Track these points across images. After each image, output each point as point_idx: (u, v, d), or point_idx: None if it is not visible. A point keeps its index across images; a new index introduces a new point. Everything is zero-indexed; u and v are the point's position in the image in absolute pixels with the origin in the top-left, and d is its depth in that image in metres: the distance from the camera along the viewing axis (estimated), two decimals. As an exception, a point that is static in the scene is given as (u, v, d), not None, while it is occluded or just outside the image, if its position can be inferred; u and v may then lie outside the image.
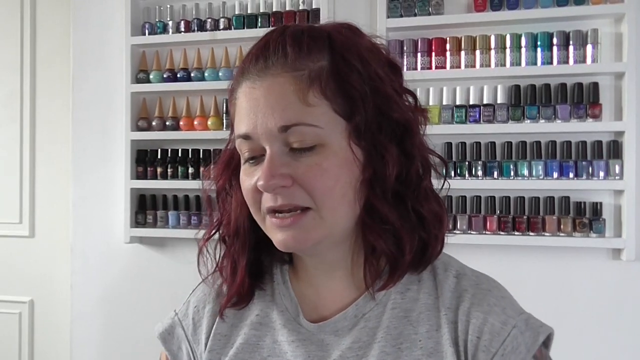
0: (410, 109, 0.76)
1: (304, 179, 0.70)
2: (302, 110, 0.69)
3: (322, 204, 0.70)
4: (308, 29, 0.74)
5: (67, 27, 2.73)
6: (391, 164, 0.72)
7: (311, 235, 0.72)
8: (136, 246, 2.61)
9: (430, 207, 0.76)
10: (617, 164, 2.13)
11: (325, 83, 0.70)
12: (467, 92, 2.27)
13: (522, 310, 0.75)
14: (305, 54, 0.71)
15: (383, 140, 0.72)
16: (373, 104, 0.71)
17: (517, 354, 0.70)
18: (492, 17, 2.23)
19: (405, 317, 0.75)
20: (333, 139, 0.70)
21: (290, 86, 0.69)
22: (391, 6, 2.29)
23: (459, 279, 0.77)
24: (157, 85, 2.55)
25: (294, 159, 0.70)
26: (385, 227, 0.73)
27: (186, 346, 0.85)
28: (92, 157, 2.66)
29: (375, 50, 0.76)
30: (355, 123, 0.71)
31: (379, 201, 0.72)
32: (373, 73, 0.72)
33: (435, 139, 2.27)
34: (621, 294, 2.18)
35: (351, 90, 0.71)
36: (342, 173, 0.71)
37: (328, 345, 0.77)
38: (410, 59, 2.29)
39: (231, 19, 2.49)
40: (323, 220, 0.71)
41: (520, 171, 2.20)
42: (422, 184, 0.76)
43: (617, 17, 2.16)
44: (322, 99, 0.70)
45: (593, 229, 2.14)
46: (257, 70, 0.72)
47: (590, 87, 2.16)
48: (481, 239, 2.21)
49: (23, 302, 2.88)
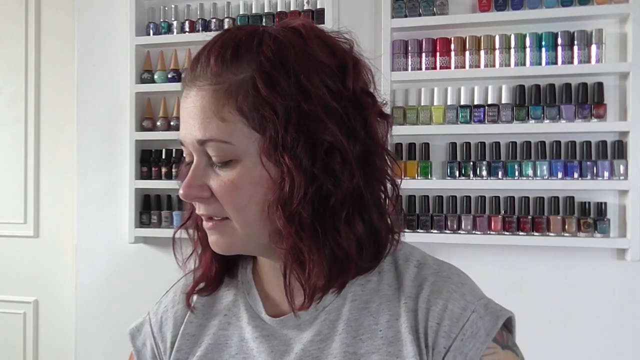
0: (365, 113, 0.73)
1: (218, 194, 0.71)
2: (217, 126, 0.69)
3: (235, 219, 0.72)
4: (242, 36, 0.71)
5: (71, 27, 2.73)
6: (299, 188, 0.68)
7: (231, 242, 0.74)
8: (141, 246, 2.61)
9: (353, 234, 0.72)
10: (622, 164, 2.12)
11: (243, 98, 0.68)
12: (471, 92, 2.27)
13: (482, 295, 0.75)
14: (227, 66, 0.70)
15: (296, 162, 0.68)
16: (292, 122, 0.68)
17: (477, 338, 0.71)
18: (497, 17, 2.23)
19: (365, 308, 0.76)
20: (248, 155, 0.70)
21: (208, 100, 0.70)
22: (395, 6, 2.29)
23: (419, 268, 0.77)
24: (161, 86, 2.55)
25: (214, 171, 0.72)
26: (290, 248, 0.71)
27: (151, 342, 0.86)
28: (96, 157, 2.67)
29: (318, 56, 0.71)
30: (267, 140, 0.69)
31: (283, 223, 0.69)
32: (299, 89, 0.68)
33: (439, 139, 2.30)
34: (626, 294, 2.17)
35: (266, 108, 0.68)
36: (255, 190, 0.70)
37: (290, 339, 0.77)
38: (414, 59, 2.29)
39: (235, 19, 2.50)
40: (239, 231, 0.73)
41: (525, 171, 2.20)
42: (344, 210, 0.71)
43: (621, 17, 2.16)
44: (236, 114, 0.69)
45: (597, 229, 2.14)
46: (189, 79, 0.72)
47: (594, 87, 2.16)
48: (486, 239, 2.21)
49: (27, 302, 2.89)
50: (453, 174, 2.25)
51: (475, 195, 2.26)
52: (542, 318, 2.17)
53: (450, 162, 2.26)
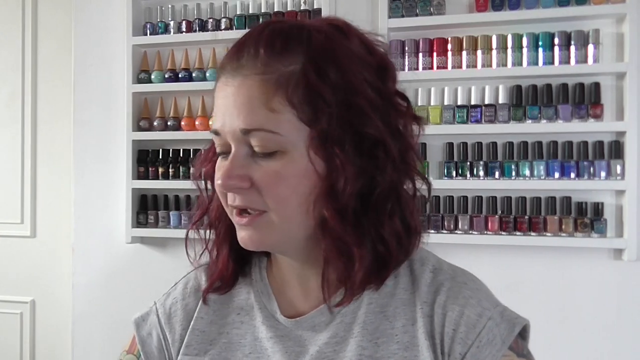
0: (401, 115, 0.74)
1: (261, 184, 0.69)
2: (265, 116, 0.68)
3: (276, 211, 0.70)
4: (289, 27, 0.71)
5: (68, 27, 2.73)
6: (350, 181, 0.69)
7: (266, 238, 0.72)
8: (137, 246, 2.61)
9: (393, 229, 0.73)
10: (619, 164, 2.13)
11: (293, 90, 0.68)
12: (468, 92, 2.28)
13: (498, 302, 0.76)
14: (278, 56, 0.69)
15: (346, 155, 0.69)
16: (341, 116, 0.69)
17: (492, 346, 0.71)
18: (494, 17, 2.23)
19: (381, 312, 0.76)
20: (295, 147, 0.69)
21: (257, 90, 0.68)
22: (393, 6, 2.29)
23: (435, 273, 0.78)
24: (158, 86, 2.55)
25: (255, 162, 0.70)
26: (336, 242, 0.71)
27: (157, 332, 0.85)
28: (93, 157, 2.67)
29: (361, 54, 0.72)
30: (317, 133, 0.69)
31: (332, 216, 0.70)
32: (347, 83, 0.69)
33: (436, 139, 2.29)
34: (622, 294, 2.18)
35: (318, 100, 0.68)
36: (300, 183, 0.69)
37: (305, 340, 0.77)
38: (411, 59, 2.29)
39: (233, 19, 2.49)
40: (276, 225, 0.71)
41: (522, 171, 2.20)
42: (388, 204, 0.72)
43: (618, 17, 2.16)
44: (286, 105, 0.68)
45: (594, 229, 2.14)
46: (232, 68, 0.71)
47: (591, 87, 2.16)
48: (483, 239, 2.21)
49: (24, 302, 2.89)
50: (450, 174, 2.25)
51: (472, 195, 2.26)
52: (539, 318, 2.16)
53: (447, 162, 2.26)
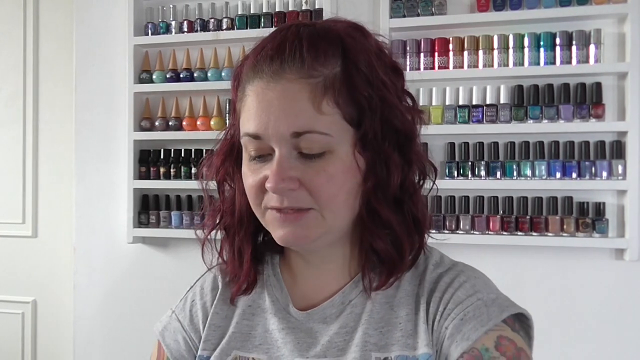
0: (409, 112, 0.78)
1: (311, 184, 0.72)
2: (315, 118, 0.70)
3: (325, 207, 0.73)
4: (322, 31, 0.74)
5: (69, 27, 2.73)
6: (395, 173, 0.75)
7: (311, 233, 0.75)
8: (139, 246, 2.61)
9: (423, 210, 0.80)
10: (620, 164, 2.13)
11: (339, 92, 0.71)
12: (470, 92, 2.27)
13: (494, 290, 0.78)
14: (322, 60, 0.71)
15: (387, 148, 0.74)
16: (380, 112, 0.73)
17: (477, 321, 0.72)
18: (495, 17, 2.22)
19: (387, 302, 0.79)
20: (341, 146, 0.72)
21: (305, 93, 0.70)
22: (394, 6, 2.29)
23: (436, 266, 0.81)
24: (160, 86, 2.55)
25: (302, 162, 0.72)
26: (386, 231, 0.77)
27: (183, 336, 0.87)
28: (95, 157, 2.67)
29: (380, 53, 0.76)
30: (363, 132, 0.73)
31: (382, 207, 0.75)
32: (380, 80, 0.73)
33: (438, 139, 2.29)
34: (624, 294, 2.17)
35: (361, 99, 0.72)
36: (346, 179, 0.73)
37: (317, 332, 0.80)
38: (413, 59, 2.29)
39: (234, 19, 2.49)
40: (324, 220, 0.74)
41: (523, 171, 2.20)
42: (419, 188, 0.80)
43: (620, 17, 2.16)
44: (334, 107, 0.71)
45: (596, 229, 2.14)
46: (272, 72, 0.72)
47: (593, 87, 2.16)
48: (484, 239, 2.21)
49: (26, 303, 2.89)
50: (451, 174, 2.25)
51: (474, 195, 2.26)
52: (540, 318, 2.16)
53: (448, 162, 2.26)
